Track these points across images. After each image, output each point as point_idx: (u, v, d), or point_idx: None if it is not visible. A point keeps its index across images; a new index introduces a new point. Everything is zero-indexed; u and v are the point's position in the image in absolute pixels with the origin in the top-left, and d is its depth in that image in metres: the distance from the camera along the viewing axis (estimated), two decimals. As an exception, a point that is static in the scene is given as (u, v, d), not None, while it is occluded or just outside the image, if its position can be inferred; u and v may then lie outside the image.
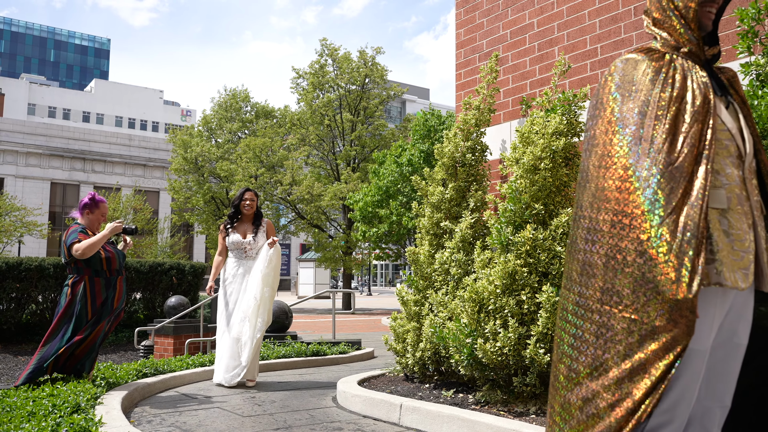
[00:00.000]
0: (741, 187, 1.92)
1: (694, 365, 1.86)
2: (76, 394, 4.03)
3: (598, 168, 1.92)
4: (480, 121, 5.35)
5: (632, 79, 1.94)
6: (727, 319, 1.93)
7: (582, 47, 5.06)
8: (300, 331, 13.49)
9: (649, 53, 1.99)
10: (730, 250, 1.85)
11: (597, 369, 1.81)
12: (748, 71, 3.25)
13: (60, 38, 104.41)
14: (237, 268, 5.68)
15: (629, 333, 1.75)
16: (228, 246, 5.74)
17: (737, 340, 1.96)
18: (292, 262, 57.21)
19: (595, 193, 1.90)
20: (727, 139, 1.93)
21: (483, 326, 4.15)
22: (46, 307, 12.00)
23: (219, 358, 5.56)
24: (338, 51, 26.76)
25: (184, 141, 29.66)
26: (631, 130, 1.88)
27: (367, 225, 22.72)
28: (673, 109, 1.86)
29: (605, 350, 1.79)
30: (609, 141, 1.91)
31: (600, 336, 1.81)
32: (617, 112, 1.92)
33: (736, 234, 1.87)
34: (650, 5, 2.08)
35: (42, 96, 72.99)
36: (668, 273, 1.71)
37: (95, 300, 4.60)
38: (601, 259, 1.84)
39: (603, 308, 1.81)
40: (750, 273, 1.87)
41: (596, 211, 1.88)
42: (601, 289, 1.83)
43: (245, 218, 5.81)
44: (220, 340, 5.59)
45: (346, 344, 8.27)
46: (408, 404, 4.09)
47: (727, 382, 1.99)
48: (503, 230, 4.27)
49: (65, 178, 43.57)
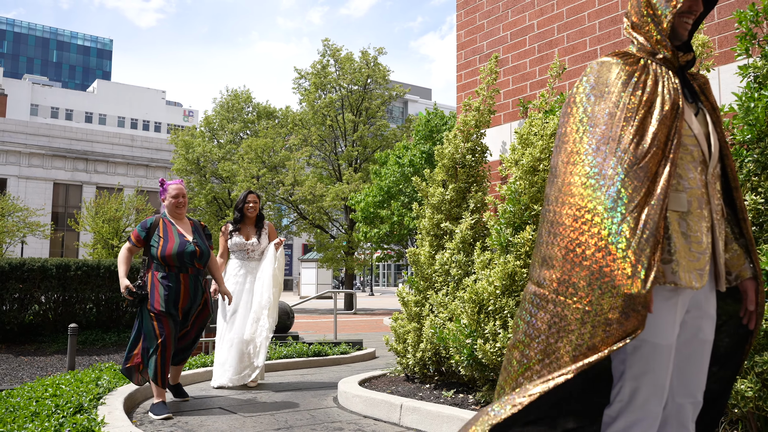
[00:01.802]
0: (703, 191, 1.99)
1: (662, 360, 1.92)
2: (78, 395, 4.06)
3: (566, 164, 1.98)
4: (480, 122, 5.37)
5: (606, 81, 2.00)
6: (689, 316, 2.01)
7: (582, 49, 5.07)
8: (302, 332, 13.52)
9: (624, 57, 2.04)
10: (687, 251, 1.93)
11: (549, 356, 1.87)
12: (746, 73, 3.27)
13: (62, 39, 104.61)
14: (239, 269, 5.69)
15: (582, 323, 1.81)
16: (230, 248, 5.75)
17: (702, 336, 2.04)
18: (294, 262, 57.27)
19: (561, 188, 1.96)
20: (692, 144, 1.99)
21: (483, 327, 4.17)
22: (48, 307, 12.04)
23: (221, 360, 5.50)
24: (340, 51, 26.78)
25: (185, 142, 29.71)
26: (601, 129, 1.94)
27: (368, 225, 22.75)
28: (642, 112, 1.92)
29: (557, 339, 1.86)
30: (579, 139, 1.97)
31: (553, 325, 1.88)
32: (589, 112, 1.99)
33: (694, 236, 1.95)
34: (630, 9, 2.14)
35: (44, 96, 73.13)
36: (625, 268, 1.77)
37: (154, 293, 4.50)
38: (561, 251, 1.90)
39: (558, 299, 1.88)
40: (705, 273, 1.95)
41: (560, 205, 1.94)
42: (558, 280, 1.89)
43: (248, 220, 5.83)
44: (222, 341, 5.56)
45: (348, 345, 8.29)
46: (408, 404, 4.11)
47: (697, 377, 2.06)
48: (503, 231, 4.29)
49: (68, 178, 43.67)
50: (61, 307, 12.11)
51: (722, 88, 4.01)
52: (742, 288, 2.13)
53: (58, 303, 12.07)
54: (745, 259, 2.11)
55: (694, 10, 2.06)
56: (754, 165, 3.11)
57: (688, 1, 2.04)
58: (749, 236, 2.11)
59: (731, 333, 2.22)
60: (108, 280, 12.42)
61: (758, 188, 3.08)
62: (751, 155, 3.11)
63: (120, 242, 26.01)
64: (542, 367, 1.88)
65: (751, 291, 2.10)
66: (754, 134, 3.10)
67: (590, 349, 1.80)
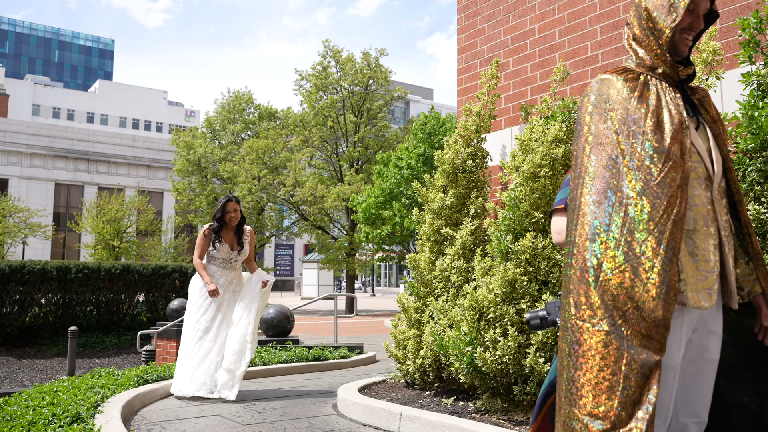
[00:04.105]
0: (708, 209, 1.94)
1: (666, 381, 1.88)
2: (76, 403, 4.04)
3: (577, 185, 1.94)
4: (480, 127, 5.34)
5: (607, 99, 1.96)
6: (696, 335, 1.96)
7: (583, 53, 5.04)
8: (303, 334, 13.52)
9: (624, 73, 2.01)
10: (694, 270, 1.88)
11: (569, 388, 1.79)
12: (749, 81, 3.23)
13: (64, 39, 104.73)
14: (220, 277, 5.46)
15: (604, 346, 1.74)
16: (213, 255, 5.50)
17: (708, 355, 1.99)
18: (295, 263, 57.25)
19: (574, 210, 1.92)
20: (696, 161, 1.96)
21: (483, 335, 4.14)
22: (49, 310, 12.05)
23: (195, 367, 5.21)
24: (341, 53, 26.77)
25: (187, 143, 29.72)
26: (608, 147, 1.89)
27: (370, 226, 22.73)
28: (650, 126, 1.88)
29: (577, 367, 1.78)
30: (586, 159, 1.93)
31: (572, 353, 1.80)
32: (594, 131, 1.94)
33: (702, 254, 1.90)
34: (632, 20, 2.10)
35: (46, 97, 73.23)
36: (649, 290, 1.72)
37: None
38: (576, 273, 1.84)
39: (576, 324, 1.81)
40: (714, 292, 1.90)
41: (576, 227, 1.90)
42: (575, 304, 1.82)
43: (229, 227, 5.59)
44: (192, 348, 5.27)
45: (348, 348, 8.26)
46: (408, 413, 4.08)
47: (702, 397, 2.01)
48: (503, 238, 4.26)
49: (69, 178, 43.70)
50: (61, 310, 12.13)
51: (724, 94, 3.98)
52: (756, 304, 2.07)
53: (58, 305, 12.09)
54: (756, 276, 2.06)
55: (695, 27, 2.03)
56: (757, 174, 3.07)
57: (689, 17, 2.00)
58: (755, 251, 2.07)
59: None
60: (108, 282, 12.44)
61: (761, 198, 3.04)
62: (755, 164, 3.08)
63: (121, 243, 26.01)
64: (565, 401, 1.80)
65: (764, 306, 2.04)
66: (757, 143, 3.06)
67: (614, 374, 1.71)
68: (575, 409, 1.77)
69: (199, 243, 5.51)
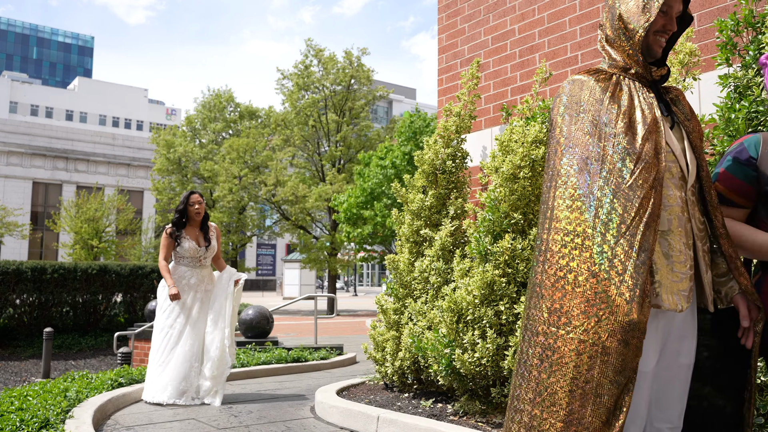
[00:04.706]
0: (683, 209, 1.92)
1: (641, 387, 1.86)
2: (45, 408, 3.94)
3: (549, 188, 1.91)
4: (460, 127, 5.31)
5: (579, 100, 1.94)
6: (670, 339, 1.94)
7: (563, 54, 5.03)
8: (283, 334, 13.43)
9: (596, 74, 1.99)
10: (669, 271, 1.86)
11: (540, 394, 1.76)
12: (727, 83, 3.23)
13: (43, 35, 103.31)
14: (190, 277, 5.31)
15: (577, 355, 1.71)
16: (180, 254, 5.35)
17: (682, 360, 1.97)
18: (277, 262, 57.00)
19: (546, 213, 1.89)
20: (670, 160, 1.94)
21: (461, 336, 4.11)
22: (24, 311, 11.86)
23: (169, 373, 5.06)
24: (323, 52, 26.66)
25: (167, 141, 29.44)
26: (580, 149, 1.87)
27: (351, 226, 22.67)
28: (621, 127, 1.86)
29: (550, 374, 1.75)
30: (558, 161, 1.91)
31: (545, 359, 1.77)
32: (566, 133, 1.92)
33: (676, 256, 1.88)
34: (605, 21, 2.08)
35: (24, 94, 72.15)
36: (623, 293, 1.70)
37: None
38: (549, 279, 1.81)
39: (549, 330, 1.78)
40: (689, 294, 1.88)
41: (546, 232, 1.87)
42: (548, 309, 1.79)
43: (194, 223, 5.43)
44: (168, 354, 5.12)
45: (328, 350, 8.21)
46: (385, 416, 4.04)
47: (676, 402, 1.99)
48: (482, 240, 4.23)
49: (47, 177, 43.10)
50: (36, 311, 11.93)
51: (702, 96, 3.99)
52: (735, 303, 2.03)
53: (33, 306, 11.90)
54: (732, 277, 2.04)
55: (668, 29, 2.02)
56: (734, 176, 3.07)
57: (662, 19, 1.99)
58: (730, 252, 2.05)
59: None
60: (85, 282, 12.26)
61: (738, 200, 3.04)
62: (731, 166, 3.07)
63: (100, 243, 25.71)
64: (533, 407, 1.77)
65: (742, 307, 2.00)
66: (734, 145, 3.06)
67: (587, 382, 1.69)
68: (548, 415, 1.74)
69: (163, 243, 5.35)
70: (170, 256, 5.37)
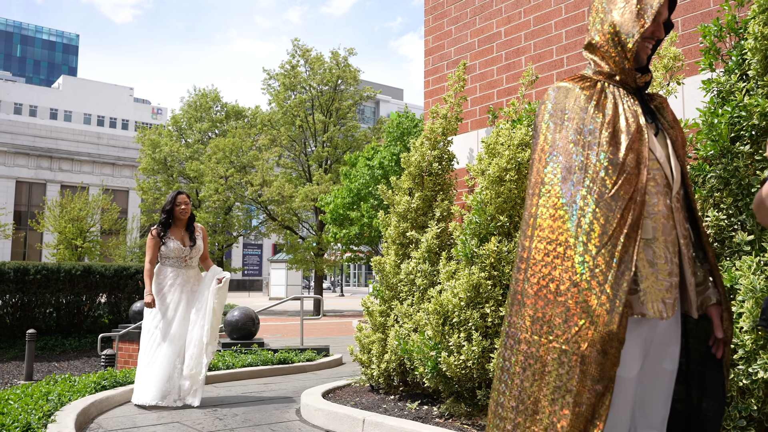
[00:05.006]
0: (668, 216, 1.92)
1: (625, 393, 1.86)
2: (27, 412, 3.89)
3: (531, 195, 1.91)
4: (447, 129, 5.32)
5: (563, 108, 1.94)
6: (653, 345, 1.95)
7: (548, 57, 5.05)
8: (269, 335, 13.38)
9: (581, 81, 1.99)
10: (654, 280, 1.86)
11: (523, 402, 1.77)
12: (710, 88, 3.26)
13: (27, 33, 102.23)
14: (176, 278, 5.28)
15: (560, 363, 1.72)
16: (165, 254, 5.32)
17: (666, 365, 1.98)
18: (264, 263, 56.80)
19: (529, 221, 1.89)
20: (655, 168, 1.94)
21: (447, 339, 4.12)
22: (6, 312, 11.72)
23: (154, 375, 5.02)
24: (310, 52, 26.61)
25: (152, 141, 29.25)
26: (564, 158, 1.87)
27: (338, 227, 22.62)
28: (605, 137, 1.85)
29: (532, 382, 1.76)
30: (542, 169, 1.91)
31: (528, 367, 1.78)
32: (550, 140, 1.92)
33: (661, 264, 1.88)
34: (592, 26, 2.06)
35: (7, 92, 71.37)
36: (604, 303, 1.70)
37: None
38: (532, 287, 1.82)
39: (532, 338, 1.79)
40: (674, 302, 1.89)
41: (529, 239, 1.87)
42: (531, 318, 1.80)
43: (179, 223, 5.40)
44: (155, 354, 5.09)
45: (314, 351, 8.18)
46: (371, 419, 4.04)
47: (660, 408, 2.00)
48: (468, 242, 4.24)
49: (31, 176, 42.65)
50: (19, 312, 11.80)
51: (686, 101, 4.02)
52: (710, 315, 2.05)
53: (16, 307, 11.77)
54: (709, 285, 2.05)
55: (656, 36, 2.03)
56: (716, 181, 3.10)
57: (652, 26, 1.99)
58: (713, 261, 2.07)
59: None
60: (69, 283, 12.14)
61: (720, 204, 3.07)
62: (714, 171, 3.10)
63: (84, 243, 25.48)
64: (516, 414, 1.78)
65: (716, 317, 2.02)
66: (717, 150, 3.09)
67: (568, 391, 1.70)
68: (531, 424, 1.75)
69: (149, 245, 5.30)
70: (156, 258, 5.34)
